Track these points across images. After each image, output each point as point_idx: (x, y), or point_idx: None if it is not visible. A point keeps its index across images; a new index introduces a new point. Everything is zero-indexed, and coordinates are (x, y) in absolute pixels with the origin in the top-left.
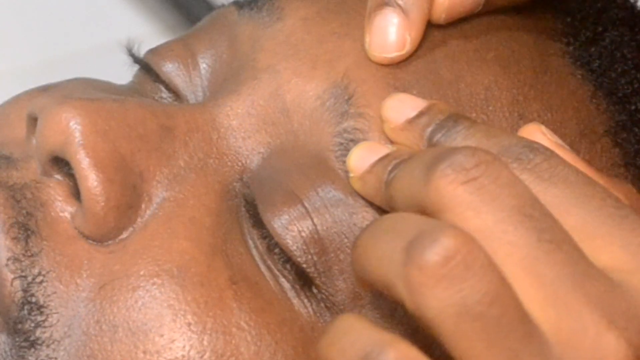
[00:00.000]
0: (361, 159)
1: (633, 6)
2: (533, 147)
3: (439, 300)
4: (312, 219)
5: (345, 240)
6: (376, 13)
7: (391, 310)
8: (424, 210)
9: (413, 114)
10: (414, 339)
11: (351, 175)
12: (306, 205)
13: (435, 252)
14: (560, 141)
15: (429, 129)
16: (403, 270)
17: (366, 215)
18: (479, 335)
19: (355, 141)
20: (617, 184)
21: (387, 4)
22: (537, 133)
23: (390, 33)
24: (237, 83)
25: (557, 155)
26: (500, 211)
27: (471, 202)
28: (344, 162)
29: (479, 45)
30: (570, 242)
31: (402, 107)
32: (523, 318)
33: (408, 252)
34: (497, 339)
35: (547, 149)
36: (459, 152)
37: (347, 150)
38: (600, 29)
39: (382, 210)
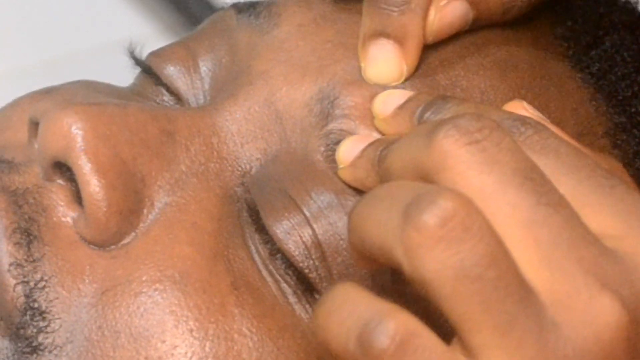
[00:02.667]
0: (350, 148)
1: (634, 10)
2: (524, 120)
3: (437, 262)
4: (310, 225)
5: (341, 242)
6: (370, 42)
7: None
8: (423, 177)
9: (400, 101)
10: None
11: (341, 166)
12: (304, 211)
13: (433, 214)
14: (542, 116)
15: (419, 109)
16: (401, 233)
17: None
18: (475, 297)
19: (340, 141)
20: (604, 158)
21: (381, 34)
22: (519, 108)
23: (387, 65)
24: (235, 88)
25: (547, 128)
26: (502, 173)
27: (474, 162)
28: (332, 161)
29: (475, 50)
30: (567, 207)
31: (391, 99)
32: (519, 281)
33: (405, 215)
34: (493, 302)
35: (537, 122)
36: (464, 116)
37: (334, 150)
38: (600, 32)
39: None
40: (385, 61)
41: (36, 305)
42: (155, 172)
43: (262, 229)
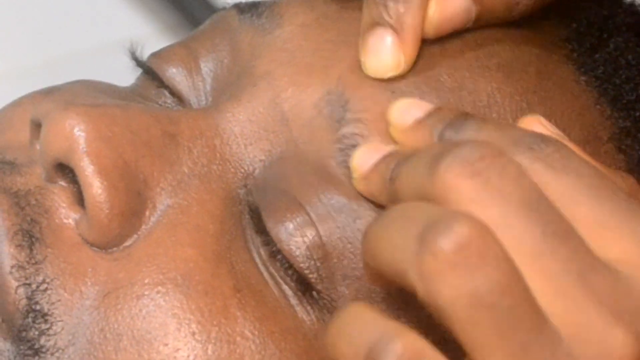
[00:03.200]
0: (364, 159)
1: (639, 12)
2: (545, 138)
3: (452, 288)
4: (315, 226)
5: (349, 245)
6: (369, 33)
7: (397, 315)
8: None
9: (421, 115)
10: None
11: (354, 175)
12: (310, 212)
13: (450, 239)
14: (560, 133)
15: (439, 127)
16: (416, 257)
17: (370, 219)
18: (490, 325)
19: (355, 146)
20: (620, 176)
21: (378, 24)
22: (536, 124)
23: (384, 54)
24: (237, 89)
25: (568, 147)
26: (506, 205)
27: (477, 196)
28: (346, 167)
29: (481, 52)
30: (575, 236)
31: (410, 110)
32: (534, 310)
33: (421, 239)
34: (508, 330)
35: (558, 140)
36: (465, 145)
37: (348, 155)
38: (605, 35)
39: None
40: (382, 51)
41: (38, 307)
42: (157, 173)
43: (262, 231)
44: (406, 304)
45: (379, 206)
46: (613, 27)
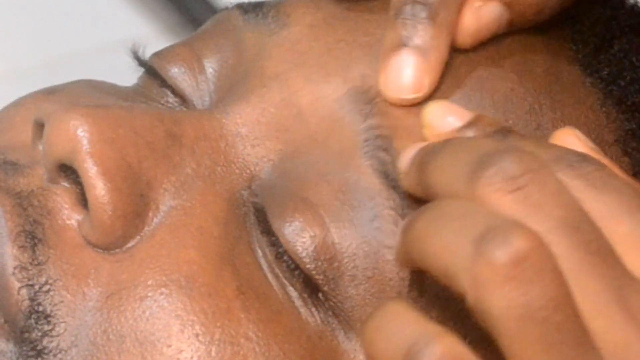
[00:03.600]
0: (407, 155)
1: None
2: (585, 156)
3: (505, 300)
4: (327, 225)
5: (364, 245)
6: (392, 53)
7: None
8: None
9: (458, 124)
10: None
11: (401, 176)
12: (322, 211)
13: (507, 252)
14: (596, 147)
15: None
16: (471, 265)
17: (389, 219)
18: (538, 339)
19: (382, 137)
20: None
21: (404, 45)
22: (571, 137)
23: (407, 75)
24: (245, 90)
25: (607, 166)
26: (547, 222)
27: (517, 212)
28: (371, 158)
29: (493, 52)
30: (614, 256)
31: (446, 115)
32: (582, 328)
33: (478, 247)
34: (555, 346)
35: (598, 160)
36: (506, 157)
37: (375, 146)
38: (608, 36)
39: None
40: (404, 71)
41: (41, 308)
42: (161, 175)
43: (268, 231)
44: (429, 305)
45: (399, 204)
46: (617, 28)
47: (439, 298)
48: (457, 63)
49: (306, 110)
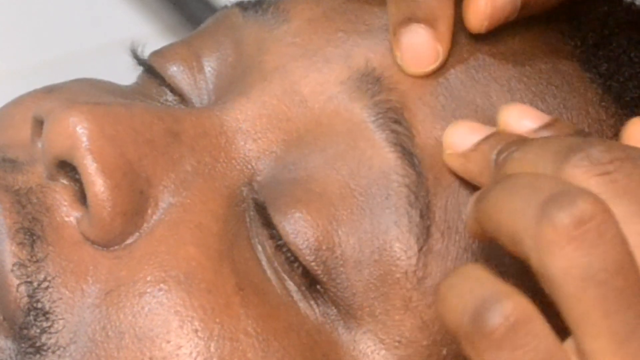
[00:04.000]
0: (461, 136)
1: (639, 10)
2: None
3: (567, 260)
4: (330, 215)
5: (372, 227)
6: (403, 29)
7: (405, 300)
8: None
9: (534, 126)
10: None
11: (448, 151)
12: (325, 201)
13: (572, 213)
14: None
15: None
16: (535, 227)
17: (401, 195)
18: (598, 302)
19: (393, 109)
20: None
21: (411, 19)
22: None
23: (422, 48)
24: (245, 86)
25: None
26: (632, 204)
27: (603, 193)
28: (385, 130)
29: (495, 42)
30: None
31: (523, 117)
32: None
33: (543, 209)
34: (615, 309)
35: None
36: (595, 145)
37: (388, 118)
38: (606, 32)
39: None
40: (419, 45)
41: (40, 305)
42: (160, 172)
43: (269, 224)
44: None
45: (414, 181)
46: (614, 24)
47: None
48: (461, 42)
49: (309, 96)
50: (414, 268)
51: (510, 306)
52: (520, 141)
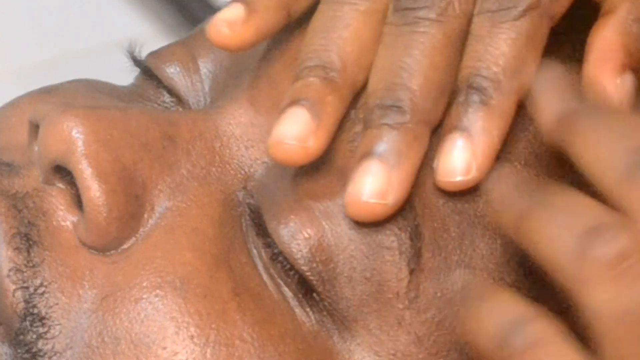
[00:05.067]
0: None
1: None
2: None
3: (607, 295)
4: (322, 226)
5: (362, 246)
6: (445, 137)
7: (399, 319)
8: None
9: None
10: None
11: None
12: (317, 212)
13: (614, 249)
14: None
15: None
16: (577, 258)
17: (392, 231)
18: (637, 340)
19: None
20: None
21: (455, 128)
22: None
23: (456, 158)
24: (238, 91)
25: None
26: None
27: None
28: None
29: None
30: None
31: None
32: None
33: (585, 241)
34: None
35: None
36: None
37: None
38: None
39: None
40: (454, 155)
41: (36, 310)
42: (156, 176)
43: (264, 233)
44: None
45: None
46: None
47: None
48: None
49: None
50: (405, 290)
51: (538, 328)
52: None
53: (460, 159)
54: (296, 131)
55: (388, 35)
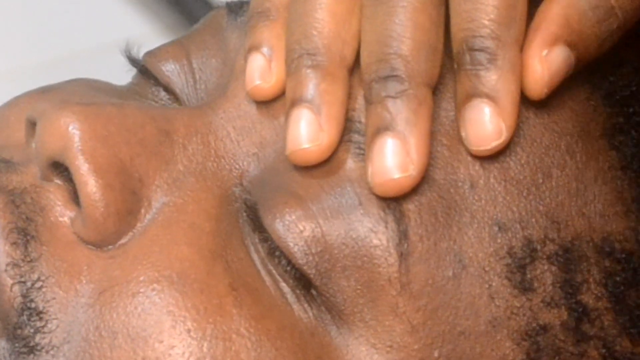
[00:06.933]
0: None
1: None
2: None
3: None
4: (316, 218)
5: (351, 232)
6: (466, 106)
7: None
8: None
9: None
10: None
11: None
12: (310, 204)
13: None
14: None
15: None
16: None
17: (373, 201)
18: None
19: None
20: None
21: (473, 95)
22: None
23: (485, 125)
24: (225, 87)
25: None
26: None
27: None
28: (348, 140)
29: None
30: None
31: None
32: None
33: None
34: None
35: None
36: None
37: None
38: None
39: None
40: (483, 122)
41: (33, 305)
42: (152, 171)
43: (260, 227)
44: None
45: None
46: None
47: None
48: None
49: (276, 104)
50: (396, 274)
51: None
52: None
53: (490, 124)
54: (305, 133)
55: (367, 7)
